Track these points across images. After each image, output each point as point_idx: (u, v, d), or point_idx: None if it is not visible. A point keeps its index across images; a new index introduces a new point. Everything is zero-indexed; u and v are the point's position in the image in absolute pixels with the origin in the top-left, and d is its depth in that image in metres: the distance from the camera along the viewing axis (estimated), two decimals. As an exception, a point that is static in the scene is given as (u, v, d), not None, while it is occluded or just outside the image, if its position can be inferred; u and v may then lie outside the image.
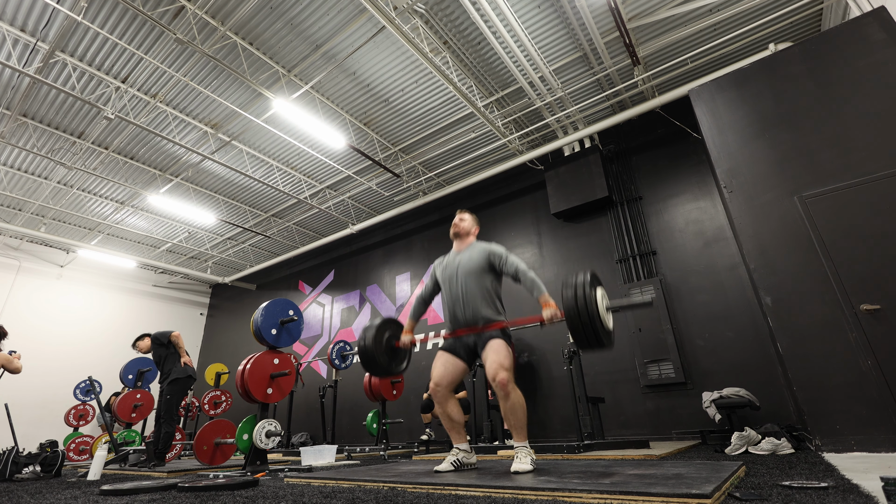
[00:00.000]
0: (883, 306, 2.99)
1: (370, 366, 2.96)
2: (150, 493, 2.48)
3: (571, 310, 2.26)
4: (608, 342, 2.36)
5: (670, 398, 5.25)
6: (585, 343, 2.30)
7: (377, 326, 3.01)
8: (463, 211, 3.03)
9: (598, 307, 2.27)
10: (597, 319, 2.24)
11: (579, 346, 2.35)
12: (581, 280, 2.32)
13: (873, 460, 2.50)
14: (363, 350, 2.94)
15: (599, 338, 2.27)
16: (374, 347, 2.92)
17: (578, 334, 2.28)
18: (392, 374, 3.08)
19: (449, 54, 5.61)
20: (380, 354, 2.94)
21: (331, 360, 6.62)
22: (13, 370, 3.87)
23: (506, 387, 2.35)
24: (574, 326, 2.27)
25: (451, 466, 2.50)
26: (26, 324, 9.46)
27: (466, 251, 2.81)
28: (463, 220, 2.96)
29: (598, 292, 2.34)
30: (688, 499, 1.40)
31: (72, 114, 6.58)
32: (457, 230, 2.93)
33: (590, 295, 2.26)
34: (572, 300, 2.26)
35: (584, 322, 2.24)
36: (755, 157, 3.86)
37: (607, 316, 2.39)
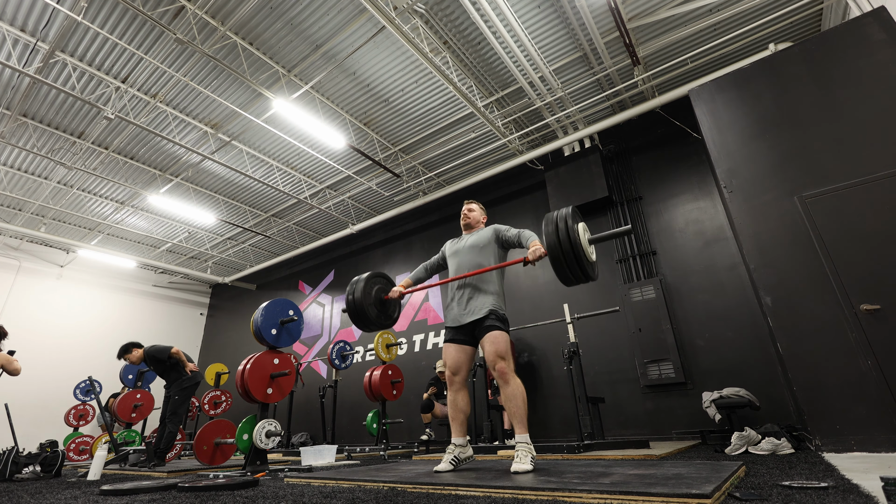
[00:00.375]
0: (883, 306, 2.99)
1: (359, 318, 2.95)
2: (150, 493, 2.48)
3: (554, 244, 2.28)
4: (593, 273, 2.40)
5: (670, 398, 5.25)
6: (569, 276, 2.32)
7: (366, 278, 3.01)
8: (471, 201, 3.12)
9: (580, 239, 2.29)
10: (580, 250, 2.26)
11: (564, 281, 2.37)
12: (561, 214, 2.34)
13: (873, 460, 2.50)
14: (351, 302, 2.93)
15: (584, 269, 2.29)
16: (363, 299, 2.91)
17: (562, 268, 2.30)
18: (382, 326, 3.08)
19: (449, 54, 5.61)
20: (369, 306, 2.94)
21: (331, 360, 6.62)
22: (13, 371, 3.86)
23: (505, 374, 2.44)
24: (557, 260, 2.29)
25: (451, 465, 2.53)
26: (26, 324, 9.46)
27: (475, 233, 2.95)
28: (472, 210, 3.08)
29: (579, 225, 2.36)
30: (688, 499, 1.40)
31: (72, 114, 6.58)
32: (467, 221, 3.04)
33: (571, 227, 2.28)
34: (554, 235, 2.28)
35: (567, 254, 2.25)
36: (755, 157, 3.86)
37: (590, 248, 2.41)
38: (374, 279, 3.08)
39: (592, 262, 2.42)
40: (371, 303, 2.97)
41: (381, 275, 3.17)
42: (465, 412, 2.69)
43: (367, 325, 3.00)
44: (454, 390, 2.68)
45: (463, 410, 2.68)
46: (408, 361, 7.91)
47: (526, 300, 6.90)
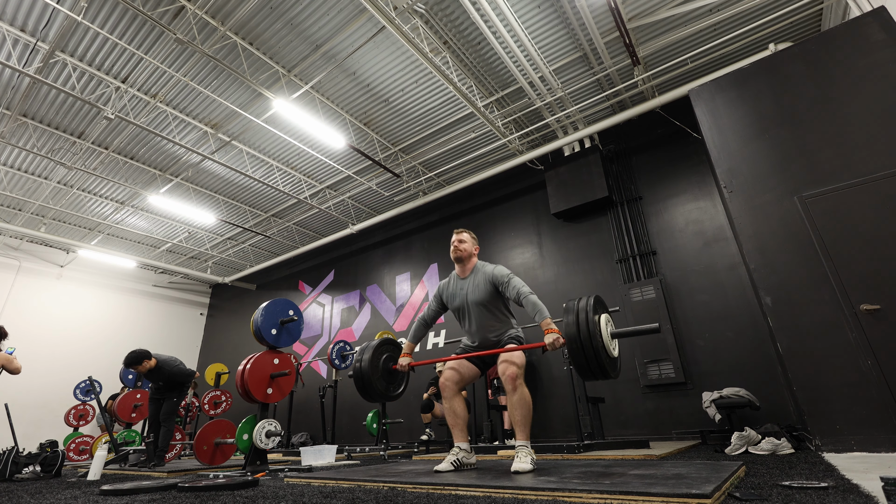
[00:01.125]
0: (883, 306, 2.98)
1: (366, 391, 2.87)
2: (150, 493, 2.48)
3: (573, 337, 2.13)
4: (613, 372, 2.22)
5: (670, 398, 5.25)
6: (588, 373, 2.17)
7: (374, 348, 2.91)
8: (461, 232, 2.91)
9: (601, 334, 2.14)
10: (600, 348, 2.11)
11: (582, 377, 2.23)
12: (584, 305, 2.20)
13: (873, 460, 2.50)
14: (358, 373, 2.84)
15: (603, 367, 2.13)
16: (371, 371, 2.82)
17: (581, 363, 2.15)
18: (388, 398, 3.00)
19: (449, 54, 5.61)
20: (376, 379, 2.85)
21: (331, 360, 6.62)
22: (13, 370, 3.87)
23: (515, 380, 2.41)
24: (576, 355, 2.14)
25: (451, 466, 2.52)
26: (26, 324, 9.46)
27: (471, 278, 2.77)
28: (463, 241, 2.85)
29: (601, 318, 2.21)
30: (688, 499, 1.40)
31: (72, 114, 6.58)
32: (458, 254, 2.82)
33: (592, 322, 2.13)
34: (574, 326, 2.13)
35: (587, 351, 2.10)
36: (755, 157, 3.86)
37: (611, 343, 2.24)
38: (382, 348, 2.97)
39: (614, 357, 2.25)
40: (379, 375, 2.90)
41: (390, 342, 3.06)
42: (464, 417, 2.69)
43: (373, 397, 2.92)
44: (449, 397, 2.66)
45: (462, 416, 2.67)
46: (408, 361, 7.89)
47: (526, 300, 6.88)
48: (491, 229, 7.95)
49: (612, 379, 2.24)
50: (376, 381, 2.86)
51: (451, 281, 2.88)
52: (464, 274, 2.81)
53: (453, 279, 2.87)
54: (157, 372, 4.58)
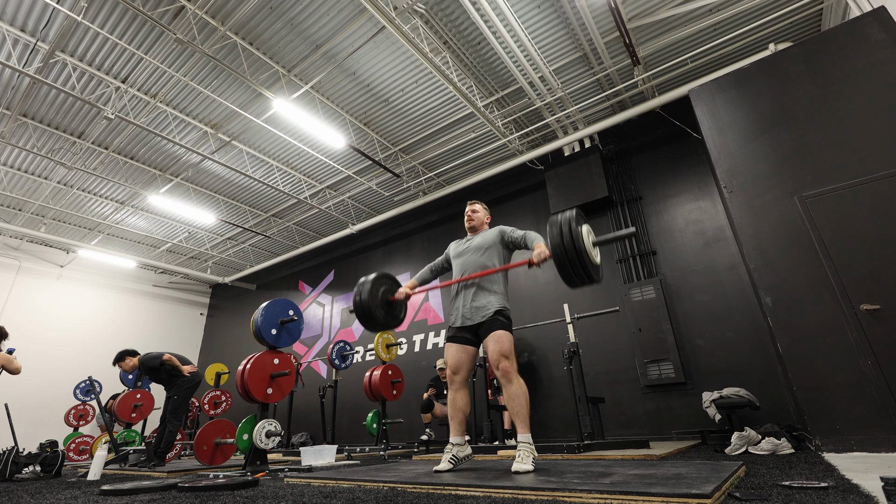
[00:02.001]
0: (883, 306, 2.98)
1: (366, 319, 2.98)
2: (150, 493, 2.48)
3: (558, 247, 2.28)
4: (596, 276, 2.40)
5: (670, 398, 5.25)
6: (574, 278, 2.33)
7: (373, 280, 3.02)
8: (474, 202, 3.10)
9: (584, 242, 2.29)
10: (584, 253, 2.26)
11: (568, 283, 2.38)
12: (566, 217, 2.35)
13: (873, 460, 2.50)
14: (359, 304, 2.95)
15: (588, 271, 2.29)
16: (370, 300, 2.94)
17: (566, 270, 2.30)
18: (388, 327, 3.12)
19: (449, 54, 5.61)
20: (376, 308, 2.96)
21: (331, 360, 6.62)
22: (13, 370, 3.87)
23: (508, 373, 2.45)
24: (561, 262, 2.30)
25: (450, 464, 2.53)
26: (26, 324, 9.46)
27: (480, 234, 2.95)
28: (476, 211, 3.06)
29: (583, 228, 2.37)
30: (688, 499, 1.40)
31: (72, 114, 6.58)
32: (472, 223, 3.03)
33: (575, 230, 2.28)
34: (558, 237, 2.29)
35: (571, 257, 2.25)
36: (755, 157, 3.86)
37: (594, 251, 2.41)
38: (381, 280, 3.09)
39: (597, 264, 2.43)
40: (378, 304, 2.99)
41: (387, 276, 3.18)
42: (464, 412, 2.69)
43: (374, 325, 3.03)
44: (454, 389, 2.69)
45: (462, 410, 2.68)
46: (408, 361, 7.91)
47: (526, 300, 6.90)
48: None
49: (596, 283, 2.40)
50: (376, 310, 2.96)
51: (462, 240, 3.05)
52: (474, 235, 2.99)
53: (464, 239, 3.03)
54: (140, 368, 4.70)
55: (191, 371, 4.73)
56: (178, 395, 4.60)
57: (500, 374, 2.47)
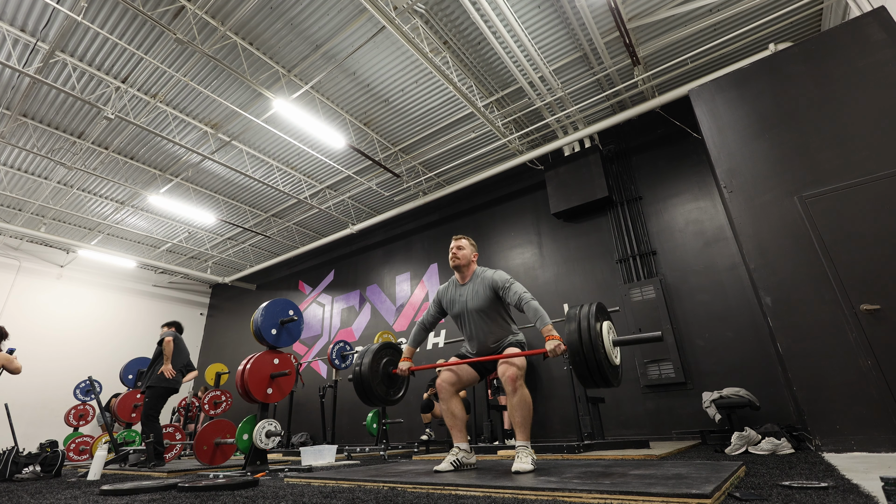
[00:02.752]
0: (883, 306, 2.98)
1: (366, 395, 2.84)
2: (150, 493, 2.48)
3: (575, 345, 2.11)
4: (615, 380, 2.20)
5: (670, 398, 5.25)
6: (590, 382, 2.15)
7: (374, 352, 2.89)
8: (459, 238, 2.86)
9: (603, 342, 2.12)
10: (602, 358, 2.09)
11: (584, 385, 2.20)
12: (585, 313, 2.18)
13: (873, 460, 2.50)
14: (358, 378, 2.82)
15: (605, 376, 2.11)
16: (371, 376, 2.80)
17: (583, 373, 2.13)
18: (388, 403, 2.97)
19: (449, 54, 5.61)
20: (377, 384, 2.84)
21: (331, 360, 6.62)
22: (13, 370, 3.87)
23: (514, 381, 2.40)
24: (577, 363, 2.13)
25: (451, 466, 2.52)
26: (26, 324, 9.46)
27: (470, 284, 2.73)
28: (461, 248, 2.81)
29: (603, 326, 2.19)
30: (688, 499, 1.40)
31: (72, 114, 6.58)
32: (457, 262, 2.78)
33: (594, 329, 2.11)
34: (576, 334, 2.11)
35: (589, 360, 2.08)
36: (755, 157, 3.86)
37: (613, 351, 2.23)
38: (382, 352, 2.95)
39: (615, 365, 2.24)
40: (379, 380, 2.88)
41: (389, 346, 3.05)
42: (462, 418, 2.67)
43: (374, 401, 2.89)
44: (446, 399, 2.65)
45: (460, 417, 2.66)
46: (408, 361, 7.89)
47: (526, 300, 6.89)
48: (491, 229, 7.94)
49: (613, 387, 2.23)
50: (376, 386, 2.84)
51: (450, 286, 2.85)
52: (463, 280, 2.78)
53: (453, 285, 2.83)
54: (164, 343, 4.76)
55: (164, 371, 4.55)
56: (149, 396, 4.49)
57: (507, 379, 2.41)
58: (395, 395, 2.99)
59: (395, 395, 2.99)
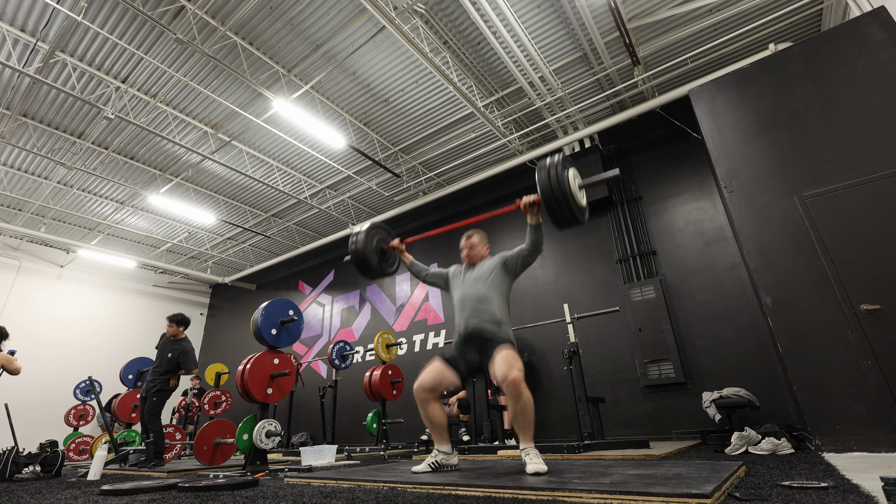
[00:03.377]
0: (883, 306, 2.99)
1: (362, 265, 3.08)
2: (150, 493, 2.48)
3: (546, 189, 2.41)
4: (582, 217, 2.53)
5: (670, 398, 5.25)
6: (560, 219, 2.46)
7: (367, 229, 3.15)
8: (471, 234, 2.90)
9: (570, 184, 2.42)
10: (569, 195, 2.39)
11: (556, 224, 2.50)
12: (553, 161, 2.47)
13: (873, 460, 2.50)
14: (354, 250, 3.08)
15: (573, 212, 2.42)
16: (365, 248, 3.06)
17: (553, 211, 2.43)
18: (384, 274, 3.20)
19: (449, 54, 5.61)
20: (370, 253, 3.09)
21: (331, 360, 6.62)
22: (13, 371, 3.86)
23: (518, 386, 2.26)
24: (549, 205, 2.43)
25: (429, 468, 2.47)
26: (26, 324, 9.46)
27: (479, 264, 2.82)
28: (473, 246, 2.86)
29: (569, 172, 2.48)
30: (688, 499, 1.40)
31: (72, 114, 6.58)
32: (472, 260, 2.85)
33: (562, 174, 2.42)
34: (546, 180, 2.42)
35: (559, 199, 2.39)
36: (755, 157, 3.86)
37: (580, 193, 2.55)
38: (375, 229, 3.22)
39: (582, 206, 2.55)
40: (372, 250, 3.12)
41: (381, 226, 3.30)
42: (442, 424, 2.56)
43: (370, 271, 3.11)
44: (419, 403, 2.53)
45: (438, 422, 2.55)
46: (408, 361, 7.91)
47: (526, 300, 6.90)
48: (491, 229, 7.94)
49: (581, 224, 2.55)
50: (370, 256, 3.09)
51: (461, 267, 2.93)
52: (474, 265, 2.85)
53: (463, 267, 2.90)
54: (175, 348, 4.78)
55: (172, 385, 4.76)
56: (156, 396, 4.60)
57: (510, 384, 2.25)
58: (390, 269, 3.25)
59: (390, 269, 3.25)
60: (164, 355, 4.73)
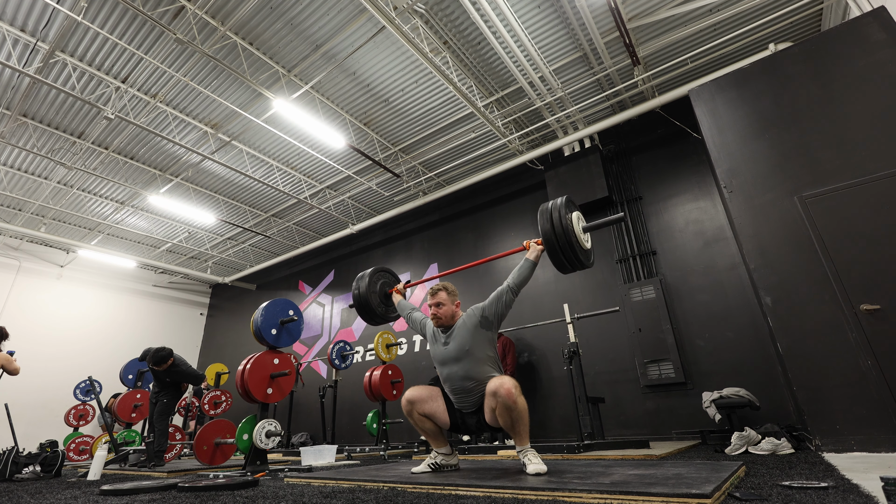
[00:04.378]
0: (883, 306, 2.98)
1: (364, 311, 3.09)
2: (150, 493, 2.48)
3: (548, 233, 2.35)
4: (587, 261, 2.48)
5: (670, 398, 5.25)
6: (565, 263, 2.40)
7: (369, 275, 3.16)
8: (436, 293, 2.59)
9: (573, 228, 2.37)
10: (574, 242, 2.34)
11: (560, 268, 2.45)
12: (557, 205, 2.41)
13: (873, 460, 2.50)
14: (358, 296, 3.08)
15: (578, 257, 2.37)
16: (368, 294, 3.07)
17: (557, 257, 2.38)
18: (387, 319, 3.21)
19: (449, 54, 5.61)
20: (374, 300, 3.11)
21: (331, 360, 6.62)
22: (12, 371, 3.86)
23: (512, 395, 2.18)
24: (552, 250, 2.37)
25: (429, 468, 2.49)
26: (26, 324, 9.46)
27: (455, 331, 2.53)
28: (441, 304, 2.56)
29: (573, 215, 2.43)
30: (688, 499, 1.40)
31: (72, 114, 6.58)
32: (441, 322, 2.56)
33: (566, 218, 2.36)
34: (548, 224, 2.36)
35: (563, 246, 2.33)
36: (755, 157, 3.86)
37: (584, 236, 2.49)
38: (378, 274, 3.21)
39: (587, 249, 2.49)
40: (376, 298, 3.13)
41: (385, 270, 3.30)
42: (434, 431, 2.57)
43: (372, 318, 3.11)
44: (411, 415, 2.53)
45: (432, 430, 2.57)
46: (408, 361, 7.91)
47: (526, 300, 6.90)
48: (491, 229, 7.94)
49: (587, 268, 2.50)
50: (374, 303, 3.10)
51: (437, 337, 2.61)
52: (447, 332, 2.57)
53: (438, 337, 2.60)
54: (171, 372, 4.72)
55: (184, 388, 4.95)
56: (167, 398, 4.70)
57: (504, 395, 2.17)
58: (393, 314, 3.24)
59: (393, 314, 3.24)
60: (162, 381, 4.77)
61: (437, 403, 2.57)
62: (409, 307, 2.99)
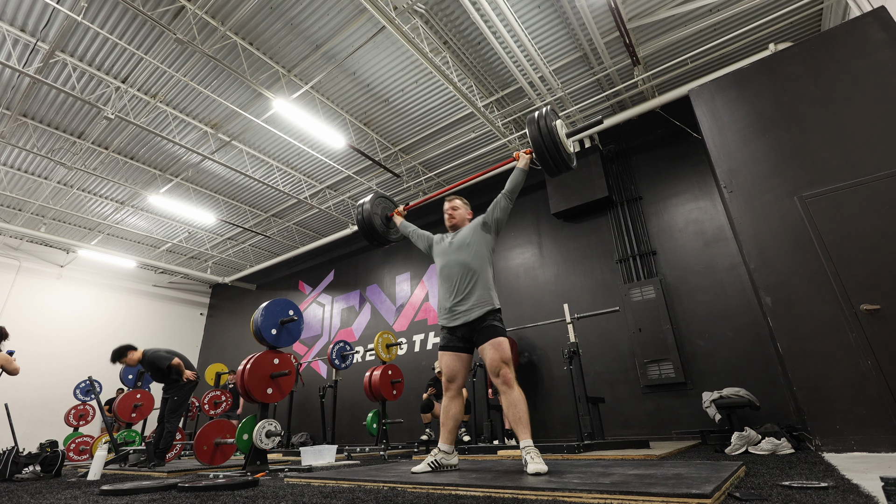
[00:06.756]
0: (883, 306, 2.98)
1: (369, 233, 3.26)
2: (150, 493, 2.48)
3: (536, 139, 2.63)
4: (571, 163, 2.78)
5: (670, 398, 5.25)
6: (552, 165, 2.68)
7: (372, 199, 3.32)
8: (453, 198, 3.00)
9: (558, 133, 2.65)
10: (558, 141, 2.62)
11: (548, 171, 2.73)
12: (542, 114, 2.69)
13: (873, 460, 2.50)
14: (362, 218, 3.25)
15: (563, 158, 2.66)
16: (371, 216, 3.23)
17: (545, 160, 2.66)
18: (389, 241, 3.36)
19: (449, 54, 5.61)
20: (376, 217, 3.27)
21: (331, 360, 6.62)
22: (11, 371, 3.86)
23: (509, 380, 2.40)
24: (540, 154, 2.65)
25: (429, 468, 2.48)
26: (26, 324, 9.46)
27: (461, 230, 2.87)
28: (456, 208, 2.96)
29: (557, 123, 2.70)
30: (688, 499, 1.39)
31: (72, 114, 6.58)
32: (453, 222, 2.94)
33: (551, 125, 2.64)
34: (536, 132, 2.64)
35: (549, 147, 2.62)
36: (755, 157, 3.86)
37: (567, 141, 2.77)
38: (380, 199, 3.41)
39: (570, 153, 2.79)
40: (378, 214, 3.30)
41: (386, 196, 3.48)
42: (455, 420, 2.62)
43: (374, 237, 3.27)
44: (449, 397, 2.63)
45: (454, 418, 2.61)
46: (408, 361, 7.91)
47: (526, 300, 6.90)
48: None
49: (571, 170, 2.80)
50: (377, 223, 3.26)
51: (444, 237, 2.93)
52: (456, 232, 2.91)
53: (447, 235, 2.93)
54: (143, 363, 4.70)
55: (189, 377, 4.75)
56: (178, 395, 4.62)
57: (501, 381, 2.40)
58: (394, 236, 3.39)
59: (394, 236, 3.39)
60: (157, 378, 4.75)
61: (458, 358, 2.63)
62: (411, 226, 3.19)
